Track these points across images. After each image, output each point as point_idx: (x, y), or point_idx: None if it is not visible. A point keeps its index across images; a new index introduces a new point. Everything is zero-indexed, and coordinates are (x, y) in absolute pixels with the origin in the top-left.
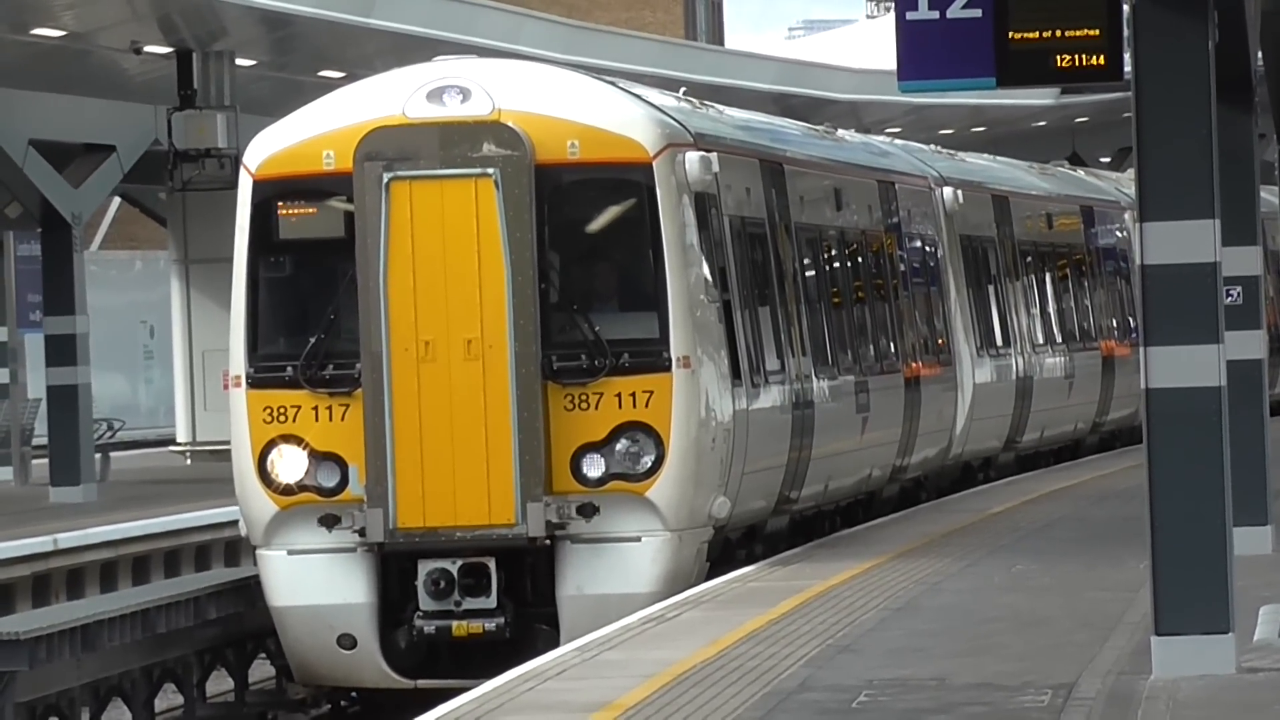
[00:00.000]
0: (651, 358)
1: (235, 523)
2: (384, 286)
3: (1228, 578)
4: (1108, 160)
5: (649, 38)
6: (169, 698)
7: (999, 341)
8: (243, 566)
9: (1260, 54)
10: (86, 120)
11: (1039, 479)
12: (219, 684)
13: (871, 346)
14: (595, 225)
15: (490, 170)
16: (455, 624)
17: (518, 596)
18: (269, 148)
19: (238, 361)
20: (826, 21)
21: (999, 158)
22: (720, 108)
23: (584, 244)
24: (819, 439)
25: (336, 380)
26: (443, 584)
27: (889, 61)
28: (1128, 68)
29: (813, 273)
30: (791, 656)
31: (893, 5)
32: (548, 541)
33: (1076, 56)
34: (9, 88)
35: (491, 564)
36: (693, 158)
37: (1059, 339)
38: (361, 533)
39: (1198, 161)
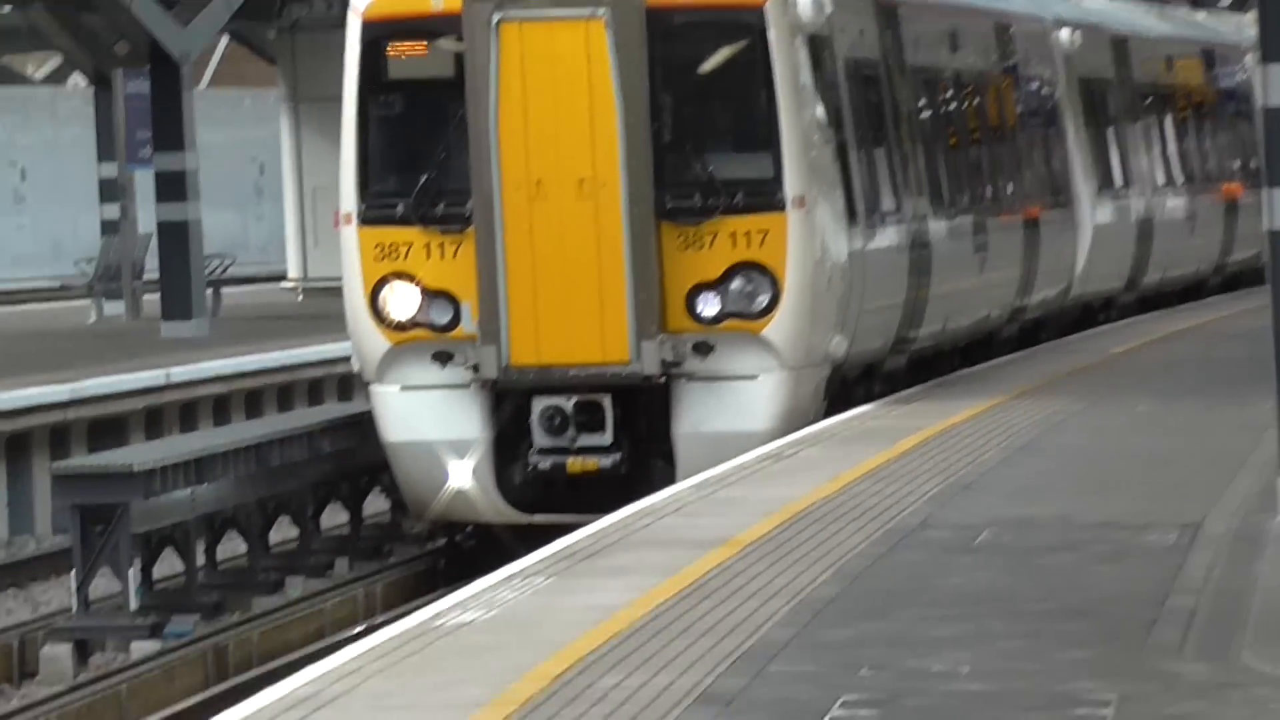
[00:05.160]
0: (766, 197)
1: (348, 359)
2: (494, 127)
3: None
4: (1229, 2)
5: None
6: (284, 530)
7: (1118, 183)
8: (355, 402)
9: None
10: None
11: (1161, 320)
12: (333, 518)
13: (989, 188)
14: (708, 67)
15: (601, 11)
16: (570, 460)
17: (633, 434)
18: None
19: (349, 199)
20: None
21: None
22: None
23: (696, 86)
24: (936, 279)
25: (448, 218)
26: (557, 421)
27: None
28: None
29: (928, 114)
30: (913, 494)
31: None
32: (663, 379)
33: None
34: None
35: (607, 401)
36: (805, 0)
37: (1180, 181)
38: (475, 369)
39: None
